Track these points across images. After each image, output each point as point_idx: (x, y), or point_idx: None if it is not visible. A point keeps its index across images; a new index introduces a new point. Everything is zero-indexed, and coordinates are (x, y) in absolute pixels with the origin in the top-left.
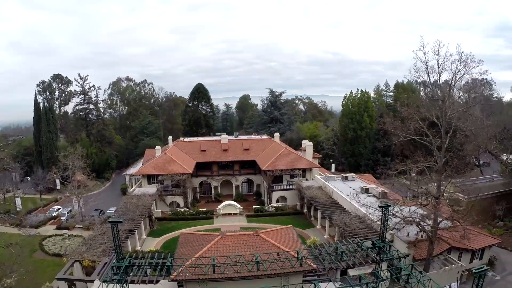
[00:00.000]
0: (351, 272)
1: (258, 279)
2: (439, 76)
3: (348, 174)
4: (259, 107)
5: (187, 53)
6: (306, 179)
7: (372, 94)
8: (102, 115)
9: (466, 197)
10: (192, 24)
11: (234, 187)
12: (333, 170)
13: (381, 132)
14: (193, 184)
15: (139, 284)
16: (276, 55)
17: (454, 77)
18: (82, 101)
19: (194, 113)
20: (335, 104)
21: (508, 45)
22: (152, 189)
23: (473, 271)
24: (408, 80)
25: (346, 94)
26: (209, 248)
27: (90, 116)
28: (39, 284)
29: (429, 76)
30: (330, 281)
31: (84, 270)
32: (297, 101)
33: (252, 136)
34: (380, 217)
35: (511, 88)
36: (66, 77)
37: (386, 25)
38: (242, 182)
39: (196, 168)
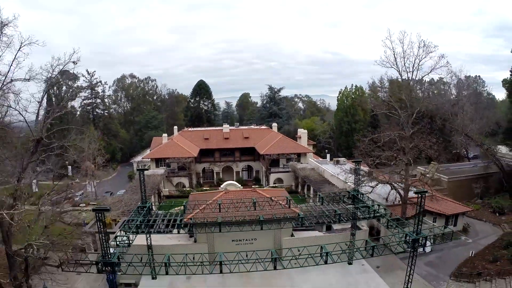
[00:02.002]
0: (335, 227)
1: (256, 226)
2: (405, 61)
3: (339, 159)
4: (259, 103)
5: (187, 53)
6: (301, 163)
7: (367, 91)
8: (109, 109)
9: (447, 177)
10: (192, 24)
11: (235, 173)
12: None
13: (373, 124)
14: (196, 170)
15: (154, 234)
16: (276, 55)
17: (416, 60)
18: (89, 96)
19: (195, 109)
20: (334, 103)
21: (508, 45)
22: (160, 170)
23: (414, 191)
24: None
25: (341, 89)
26: (215, 199)
27: (97, 110)
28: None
29: (396, 61)
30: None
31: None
32: (296, 99)
33: (252, 126)
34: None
35: (502, 82)
36: (73, 73)
37: (386, 25)
38: (242, 169)
39: (200, 154)
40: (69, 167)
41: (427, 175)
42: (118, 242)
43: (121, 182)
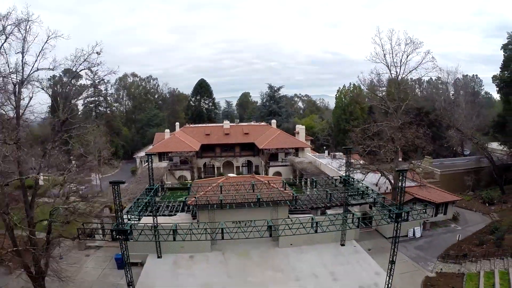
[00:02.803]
0: (329, 212)
1: (255, 208)
2: (393, 56)
3: (336, 153)
4: (259, 102)
5: (187, 53)
6: (299, 157)
7: (365, 89)
8: (111, 107)
9: (439, 170)
10: (192, 24)
11: (235, 168)
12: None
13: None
14: (198, 164)
15: (160, 216)
16: (276, 55)
17: (403, 56)
18: (92, 93)
19: (196, 108)
20: (334, 102)
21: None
22: (163, 164)
23: (396, 169)
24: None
25: (339, 87)
26: (217, 184)
27: (100, 108)
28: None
29: (385, 57)
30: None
31: (111, 213)
32: (296, 99)
33: (252, 123)
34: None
35: (492, 78)
36: (77, 72)
37: (386, 25)
38: (242, 164)
39: (201, 150)
40: (74, 161)
41: (419, 167)
42: (128, 217)
43: (125, 176)
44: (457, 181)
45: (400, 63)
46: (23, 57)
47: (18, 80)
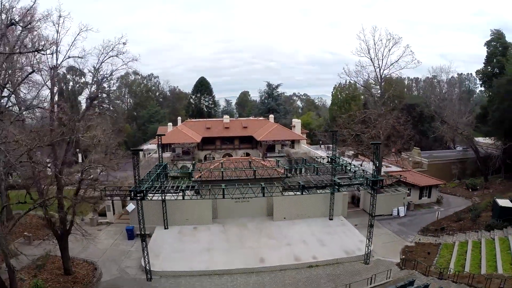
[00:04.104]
0: (319, 192)
1: (252, 183)
2: (376, 51)
3: (330, 145)
4: (257, 100)
5: (187, 52)
6: (295, 149)
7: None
8: (114, 104)
9: (427, 160)
10: (192, 24)
11: None
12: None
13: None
14: (199, 156)
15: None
16: (275, 55)
17: (385, 49)
18: (95, 90)
19: (197, 105)
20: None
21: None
22: (167, 154)
23: (370, 142)
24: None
25: (335, 85)
26: (219, 163)
27: (103, 105)
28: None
29: (369, 51)
30: None
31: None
32: (294, 98)
33: (250, 117)
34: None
35: (476, 72)
36: (80, 69)
37: (385, 25)
38: (241, 156)
39: (202, 142)
40: (79, 154)
41: (406, 154)
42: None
43: (128, 168)
44: (444, 171)
45: (382, 56)
46: (57, 46)
47: (52, 65)
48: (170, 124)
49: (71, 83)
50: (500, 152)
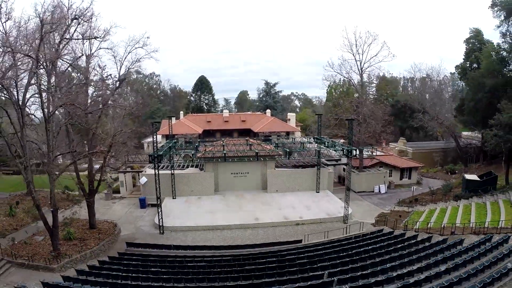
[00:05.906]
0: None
1: (249, 162)
2: (357, 46)
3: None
4: (255, 97)
5: (186, 52)
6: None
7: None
8: (117, 101)
9: (412, 149)
10: (191, 23)
11: None
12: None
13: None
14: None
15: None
16: (274, 55)
17: (364, 44)
18: (100, 87)
19: (197, 103)
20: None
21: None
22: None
23: (346, 118)
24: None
25: (330, 82)
26: (221, 143)
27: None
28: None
29: (351, 48)
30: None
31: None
32: (292, 97)
33: (248, 112)
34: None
35: (455, 67)
36: (84, 68)
37: (385, 25)
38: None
39: (203, 135)
40: (87, 146)
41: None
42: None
43: None
44: (428, 159)
45: (362, 51)
46: (90, 40)
47: (87, 54)
48: (173, 117)
49: (75, 81)
50: (480, 142)
